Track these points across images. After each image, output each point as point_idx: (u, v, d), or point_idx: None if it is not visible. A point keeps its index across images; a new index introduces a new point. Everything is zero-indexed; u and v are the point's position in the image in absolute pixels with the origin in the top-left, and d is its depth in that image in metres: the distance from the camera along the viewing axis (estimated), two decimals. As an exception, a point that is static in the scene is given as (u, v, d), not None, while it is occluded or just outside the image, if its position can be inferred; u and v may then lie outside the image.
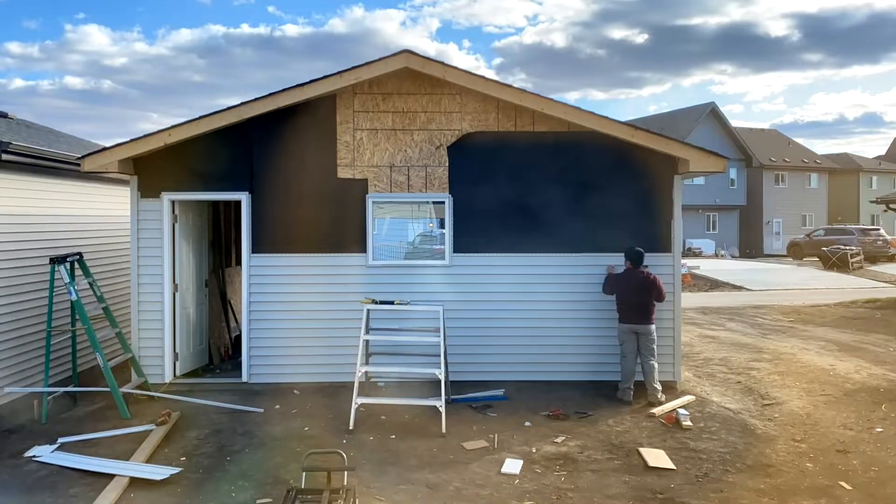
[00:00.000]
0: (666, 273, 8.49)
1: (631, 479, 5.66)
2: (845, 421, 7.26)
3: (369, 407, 7.56)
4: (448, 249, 8.52)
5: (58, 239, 8.46)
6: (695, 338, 12.12)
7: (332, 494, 4.59)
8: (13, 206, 7.77)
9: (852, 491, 5.43)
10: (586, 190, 8.54)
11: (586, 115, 8.28)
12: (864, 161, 55.24)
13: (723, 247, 42.71)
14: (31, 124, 11.58)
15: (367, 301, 7.54)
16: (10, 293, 7.67)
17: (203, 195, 8.59)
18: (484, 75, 8.24)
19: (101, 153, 8.06)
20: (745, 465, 5.98)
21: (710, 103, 45.34)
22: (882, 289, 20.87)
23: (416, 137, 8.52)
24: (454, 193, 8.52)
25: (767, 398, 8.13)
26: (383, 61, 8.15)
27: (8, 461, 6.16)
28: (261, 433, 6.77)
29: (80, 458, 6.11)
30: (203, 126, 8.11)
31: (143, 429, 6.86)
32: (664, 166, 8.49)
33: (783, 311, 15.86)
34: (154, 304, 8.37)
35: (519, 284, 8.51)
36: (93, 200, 9.45)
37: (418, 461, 6.03)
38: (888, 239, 31.02)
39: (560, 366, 8.51)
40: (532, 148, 8.53)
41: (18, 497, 5.39)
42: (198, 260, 9.21)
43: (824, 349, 11.07)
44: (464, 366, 8.44)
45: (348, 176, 8.49)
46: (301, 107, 8.33)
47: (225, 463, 6.01)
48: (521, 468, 5.84)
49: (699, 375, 9.27)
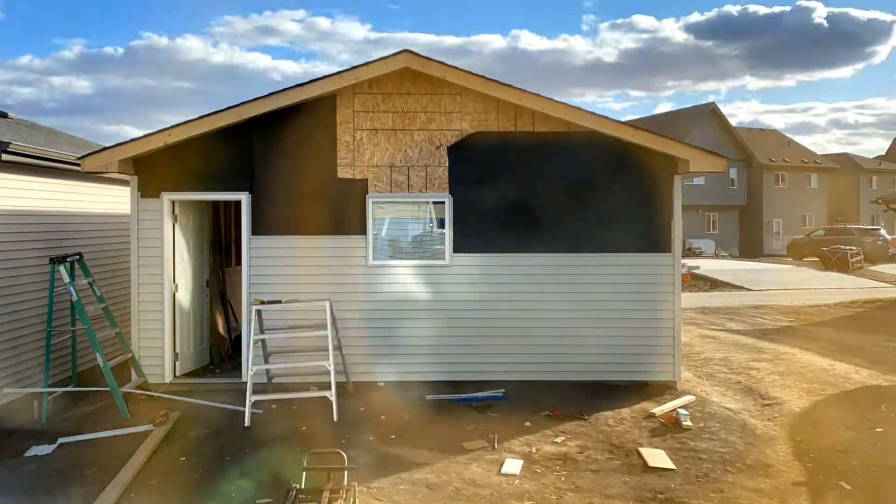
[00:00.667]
0: (666, 273, 8.49)
1: (631, 479, 5.66)
2: (845, 421, 7.25)
3: (370, 407, 7.58)
4: (448, 249, 8.52)
5: (57, 239, 8.46)
6: (695, 338, 12.12)
7: (332, 494, 4.60)
8: (13, 206, 7.77)
9: (852, 491, 5.43)
10: (586, 190, 8.54)
11: (586, 115, 8.28)
12: (864, 161, 55.23)
13: (723, 247, 42.71)
14: (32, 124, 11.59)
15: (256, 302, 7.66)
16: (9, 293, 7.67)
17: (203, 195, 8.59)
18: (484, 75, 8.23)
19: (101, 153, 8.06)
20: (745, 465, 5.98)
21: (710, 103, 45.37)
22: (882, 289, 20.87)
23: (417, 137, 8.52)
24: (454, 193, 8.53)
25: (767, 398, 8.13)
26: (383, 61, 8.15)
27: (8, 461, 6.16)
28: (260, 433, 6.77)
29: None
30: (203, 126, 8.11)
31: (144, 429, 6.86)
32: (664, 166, 8.48)
33: (783, 311, 15.86)
34: (154, 304, 8.37)
35: (519, 284, 8.51)
36: (93, 200, 9.45)
37: (418, 461, 6.03)
38: (888, 239, 31.01)
39: (560, 366, 8.51)
40: (532, 148, 8.52)
41: (18, 497, 5.39)
42: (198, 260, 9.21)
43: (824, 349, 11.07)
44: (464, 365, 8.45)
45: (348, 176, 8.49)
46: (301, 107, 8.33)
47: (225, 463, 6.01)
48: (521, 468, 5.84)
49: (699, 375, 9.27)
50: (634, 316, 8.48)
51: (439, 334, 8.44)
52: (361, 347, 8.39)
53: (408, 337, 8.43)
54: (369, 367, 8.41)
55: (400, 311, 8.43)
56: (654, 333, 8.48)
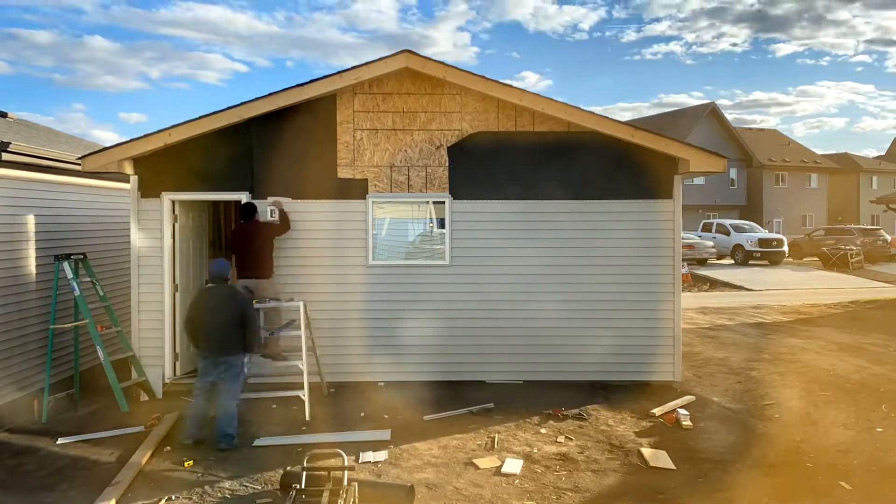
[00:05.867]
0: (666, 273, 8.49)
1: (631, 479, 5.66)
2: (845, 421, 7.26)
3: (371, 407, 7.57)
4: (448, 249, 8.52)
5: (57, 239, 8.46)
6: (695, 338, 12.12)
7: (331, 493, 4.60)
8: (13, 205, 7.77)
9: (852, 491, 5.43)
10: (586, 190, 8.54)
11: (586, 114, 8.28)
12: (864, 161, 55.26)
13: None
14: (32, 124, 11.59)
15: None
16: (9, 293, 7.67)
17: (203, 195, 8.59)
18: (484, 75, 8.24)
19: (101, 153, 8.07)
20: (745, 465, 5.98)
21: (710, 103, 45.38)
22: (882, 289, 20.86)
23: (417, 137, 8.52)
24: (454, 193, 8.53)
25: (767, 398, 8.14)
26: (383, 61, 8.16)
27: (8, 461, 6.16)
28: (260, 432, 6.77)
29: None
30: (203, 126, 8.11)
31: (136, 430, 6.89)
32: (664, 166, 8.48)
33: (783, 311, 15.86)
34: (154, 304, 8.37)
35: (519, 284, 8.52)
36: (93, 200, 9.44)
37: (418, 461, 6.03)
38: (888, 239, 30.98)
39: (560, 366, 8.51)
40: (532, 148, 8.52)
41: (18, 497, 5.39)
42: (198, 260, 9.21)
43: (824, 349, 11.07)
44: (463, 366, 8.46)
45: (348, 176, 8.49)
46: (301, 107, 8.33)
47: (225, 462, 6.01)
48: (521, 468, 5.84)
49: (699, 375, 9.27)
50: (635, 317, 8.48)
51: (439, 334, 8.44)
52: (360, 347, 8.39)
53: (407, 337, 8.42)
54: (368, 367, 8.41)
55: (399, 311, 8.43)
56: (654, 334, 8.49)
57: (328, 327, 8.34)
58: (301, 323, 7.48)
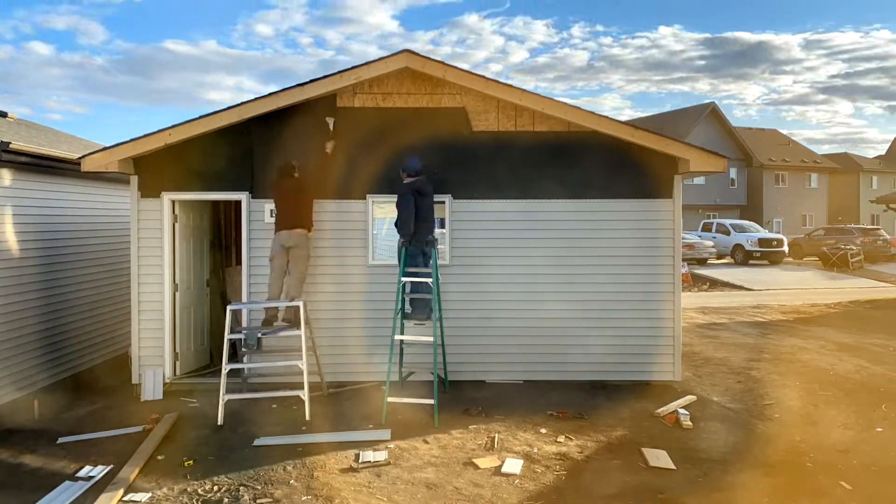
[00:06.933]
0: (666, 272, 8.49)
1: (631, 479, 5.66)
2: (845, 421, 7.26)
3: (371, 407, 7.57)
4: (448, 249, 8.52)
5: (57, 239, 8.46)
6: (695, 338, 12.12)
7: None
8: (13, 205, 7.77)
9: (852, 491, 5.43)
10: (586, 189, 8.54)
11: (586, 114, 8.28)
12: (864, 161, 55.26)
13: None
14: (32, 124, 11.59)
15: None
16: (9, 293, 7.67)
17: (203, 195, 8.58)
18: (484, 75, 8.24)
19: (101, 153, 8.06)
20: (745, 464, 5.98)
21: (711, 103, 45.37)
22: (882, 289, 20.87)
23: (417, 137, 8.51)
24: (454, 193, 8.52)
25: (767, 398, 8.14)
26: (383, 61, 8.15)
27: (8, 461, 6.16)
28: (260, 432, 6.77)
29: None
30: (203, 126, 8.10)
31: (135, 430, 6.89)
32: (664, 166, 8.48)
33: (783, 310, 15.87)
34: (154, 304, 8.36)
35: (519, 284, 8.51)
36: (93, 200, 9.44)
37: (418, 460, 6.04)
38: (888, 239, 30.99)
39: (560, 365, 8.51)
40: (532, 148, 8.52)
41: (18, 497, 5.39)
42: (198, 260, 9.20)
43: (824, 349, 11.08)
44: (463, 366, 8.45)
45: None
46: (301, 106, 8.32)
47: (225, 462, 6.01)
48: (521, 468, 5.84)
49: (699, 375, 9.28)
50: (635, 316, 8.48)
51: (439, 334, 8.43)
52: (361, 347, 8.39)
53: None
54: (368, 367, 8.40)
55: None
56: (655, 333, 8.49)
57: (329, 327, 8.35)
58: (301, 322, 7.48)
